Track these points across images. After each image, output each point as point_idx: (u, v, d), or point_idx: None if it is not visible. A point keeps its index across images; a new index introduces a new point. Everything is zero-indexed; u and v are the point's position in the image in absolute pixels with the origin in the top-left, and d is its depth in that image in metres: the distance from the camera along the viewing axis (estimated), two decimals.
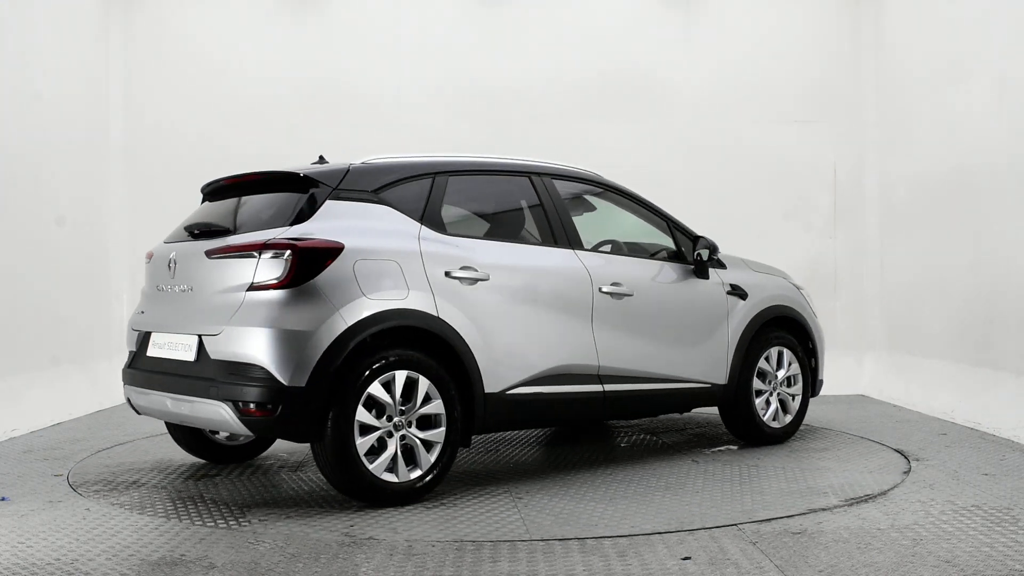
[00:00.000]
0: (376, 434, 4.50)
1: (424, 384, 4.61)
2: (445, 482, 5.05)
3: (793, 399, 6.26)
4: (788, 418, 6.23)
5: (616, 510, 4.50)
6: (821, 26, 9.44)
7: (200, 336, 4.59)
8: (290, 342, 4.32)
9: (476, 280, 4.86)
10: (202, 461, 5.78)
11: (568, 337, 5.19)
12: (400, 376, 4.55)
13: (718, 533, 4.08)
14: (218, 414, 4.47)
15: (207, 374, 4.52)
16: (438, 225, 4.93)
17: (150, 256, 5.32)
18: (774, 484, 5.01)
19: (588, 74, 9.29)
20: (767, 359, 6.09)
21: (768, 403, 6.12)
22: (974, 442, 6.16)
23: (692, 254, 5.85)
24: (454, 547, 3.92)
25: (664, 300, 5.67)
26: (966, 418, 6.90)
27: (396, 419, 4.56)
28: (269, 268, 4.45)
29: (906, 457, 5.69)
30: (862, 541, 3.92)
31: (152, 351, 4.99)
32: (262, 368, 4.32)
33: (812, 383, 6.42)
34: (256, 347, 4.35)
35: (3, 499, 4.84)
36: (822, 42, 9.43)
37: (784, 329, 6.24)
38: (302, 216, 4.62)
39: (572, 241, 5.40)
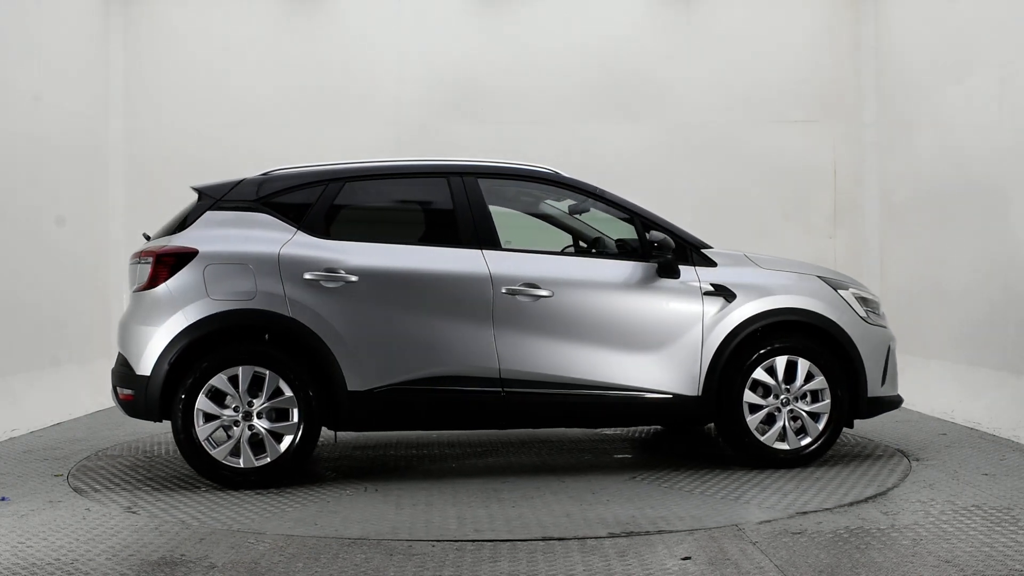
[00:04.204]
0: (218, 422, 4.98)
1: (273, 379, 4.99)
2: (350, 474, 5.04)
3: (816, 418, 5.38)
4: (806, 440, 5.36)
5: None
6: (821, 26, 9.44)
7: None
8: (141, 337, 5.06)
9: (342, 281, 5.08)
10: None
11: (459, 339, 5.12)
12: (245, 371, 4.98)
13: (718, 533, 4.08)
14: (112, 397, 5.34)
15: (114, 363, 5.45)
16: (318, 230, 5.22)
17: None
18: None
19: (589, 74, 9.29)
20: (769, 370, 5.33)
21: (771, 420, 5.34)
22: (974, 442, 6.16)
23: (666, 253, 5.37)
24: (454, 547, 3.92)
25: (598, 301, 5.26)
26: (966, 418, 6.89)
27: (244, 410, 4.98)
28: (143, 272, 5.20)
29: (906, 457, 5.69)
30: (862, 541, 3.92)
31: None
32: (125, 359, 5.15)
33: (853, 402, 5.45)
34: (124, 340, 5.20)
35: (3, 499, 4.84)
36: (822, 42, 9.43)
37: (804, 336, 5.42)
38: (183, 225, 5.24)
39: (484, 241, 5.28)
